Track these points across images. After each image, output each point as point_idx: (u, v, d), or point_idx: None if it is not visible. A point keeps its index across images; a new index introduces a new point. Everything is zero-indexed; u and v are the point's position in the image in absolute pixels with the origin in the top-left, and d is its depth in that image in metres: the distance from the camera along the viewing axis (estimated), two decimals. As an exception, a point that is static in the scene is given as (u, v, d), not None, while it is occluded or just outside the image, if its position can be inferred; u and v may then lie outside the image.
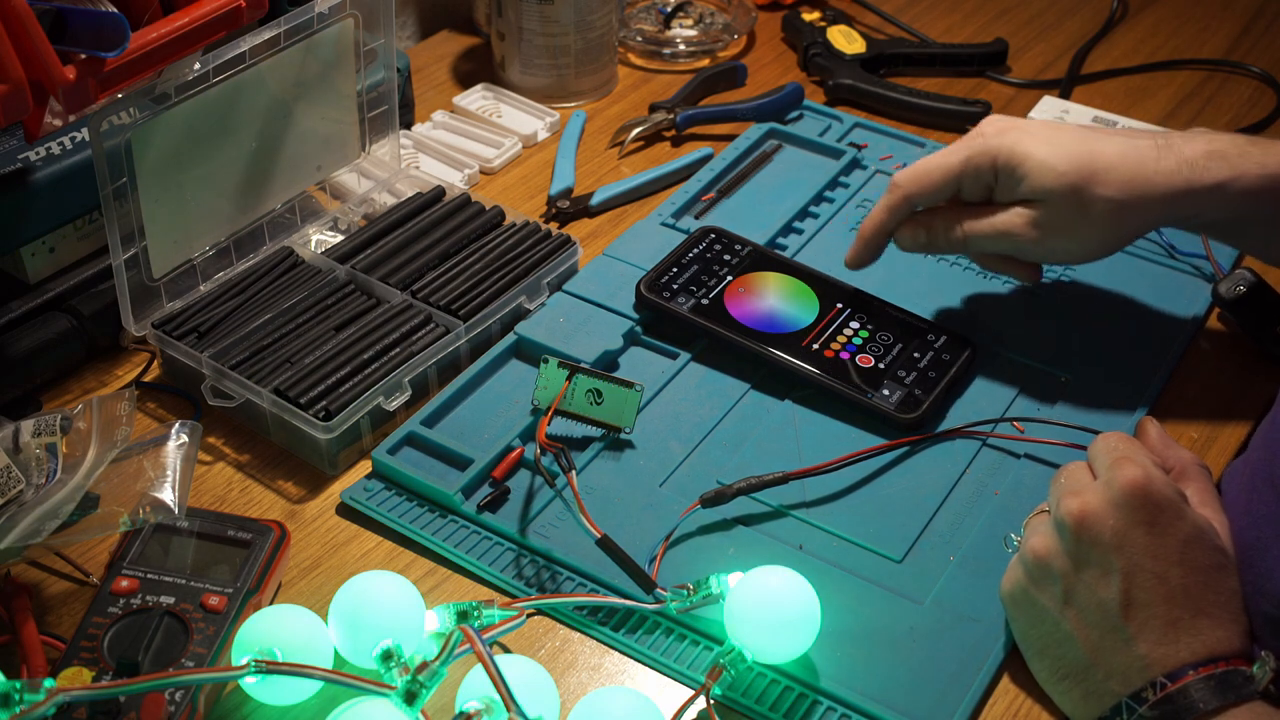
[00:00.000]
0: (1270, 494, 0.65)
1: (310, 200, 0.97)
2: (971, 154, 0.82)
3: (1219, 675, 0.61)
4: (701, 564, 0.74)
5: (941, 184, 0.83)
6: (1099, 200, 0.79)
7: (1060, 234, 0.81)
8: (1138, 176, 0.78)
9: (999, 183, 0.81)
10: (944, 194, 0.84)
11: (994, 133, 0.82)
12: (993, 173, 0.81)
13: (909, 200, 0.84)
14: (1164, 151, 0.79)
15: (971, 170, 0.82)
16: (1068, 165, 0.79)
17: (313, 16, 0.86)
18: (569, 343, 0.86)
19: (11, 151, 0.82)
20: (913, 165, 0.85)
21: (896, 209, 0.85)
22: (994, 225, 0.82)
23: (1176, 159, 0.78)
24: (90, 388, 0.87)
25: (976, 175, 0.82)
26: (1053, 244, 0.82)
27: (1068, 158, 0.79)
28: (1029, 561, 0.67)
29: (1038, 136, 0.80)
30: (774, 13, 1.28)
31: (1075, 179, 0.78)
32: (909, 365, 0.85)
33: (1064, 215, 0.80)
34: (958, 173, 0.82)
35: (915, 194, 0.84)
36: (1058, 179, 0.79)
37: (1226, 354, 0.90)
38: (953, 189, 0.83)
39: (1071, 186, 0.79)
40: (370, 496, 0.79)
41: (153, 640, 0.67)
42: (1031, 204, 0.81)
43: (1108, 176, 0.78)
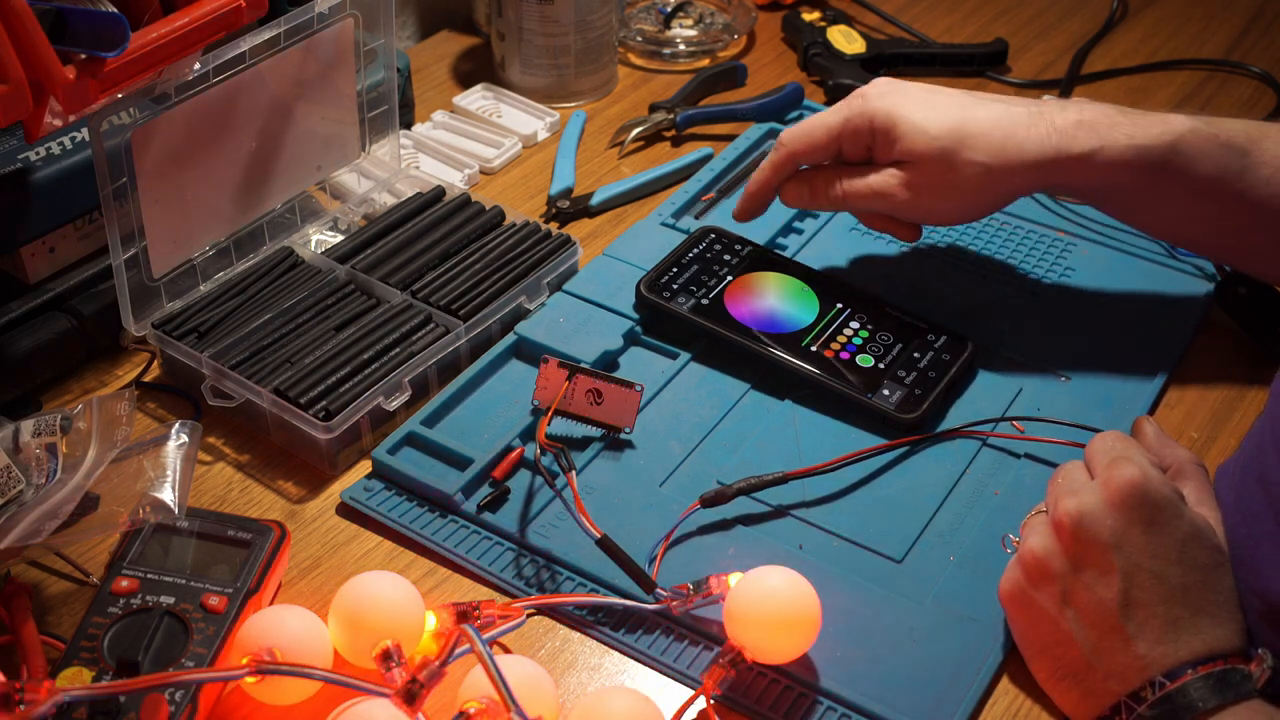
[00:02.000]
0: (1259, 492, 0.65)
1: (310, 200, 0.97)
2: (850, 115, 0.85)
3: (1218, 674, 0.61)
4: (701, 564, 0.74)
5: (823, 143, 0.86)
6: (968, 164, 0.82)
7: (931, 195, 0.84)
8: (1008, 143, 0.81)
9: (876, 143, 0.85)
10: (826, 153, 0.87)
11: (875, 94, 0.85)
12: (870, 134, 0.84)
13: (793, 158, 0.88)
14: (1036, 119, 0.82)
15: (850, 130, 0.85)
16: (939, 129, 0.82)
17: (313, 16, 0.86)
18: (569, 343, 0.86)
19: (11, 151, 0.82)
20: (797, 125, 0.88)
21: (781, 166, 0.89)
22: (869, 185, 0.85)
23: (1047, 127, 0.81)
24: (90, 388, 0.87)
25: (855, 135, 0.85)
26: (924, 204, 0.85)
27: (941, 122, 0.82)
28: (1027, 562, 0.67)
29: (914, 100, 0.84)
30: (774, 13, 1.28)
31: (946, 143, 0.82)
32: (909, 365, 0.85)
33: (934, 178, 0.83)
34: (837, 132, 0.86)
35: (799, 152, 0.88)
36: (929, 142, 0.82)
37: (1226, 354, 0.90)
38: (834, 148, 0.87)
39: (942, 150, 0.82)
40: (370, 496, 0.79)
41: (153, 640, 0.66)
42: (904, 165, 0.84)
43: (978, 142, 0.81)
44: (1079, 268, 0.95)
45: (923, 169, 0.83)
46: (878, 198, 0.85)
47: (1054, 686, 0.67)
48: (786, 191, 0.90)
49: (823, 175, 0.88)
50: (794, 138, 0.88)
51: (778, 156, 0.88)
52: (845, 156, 0.87)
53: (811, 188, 0.88)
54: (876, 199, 0.86)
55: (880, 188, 0.85)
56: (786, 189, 0.90)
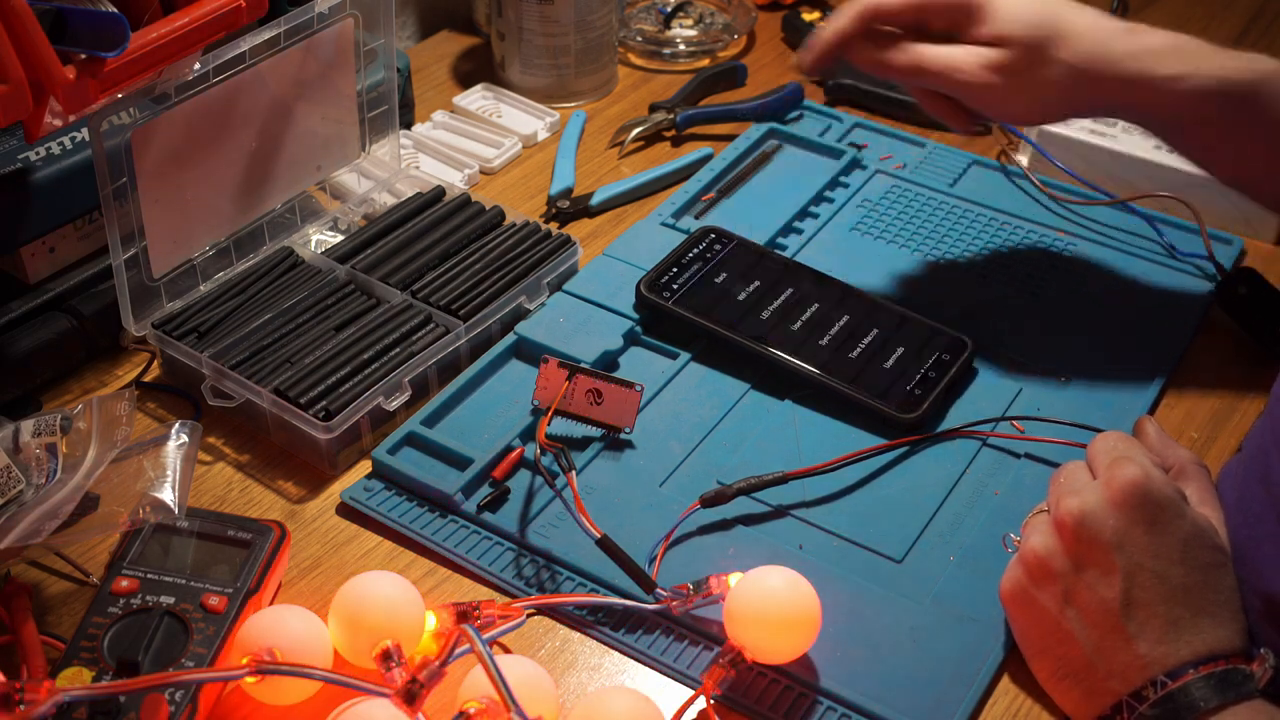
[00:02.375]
0: (1261, 492, 0.65)
1: (310, 200, 0.97)
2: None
3: (1219, 674, 0.61)
4: (701, 564, 0.74)
5: (909, 4, 0.82)
6: (1057, 63, 0.79)
7: (1010, 86, 0.80)
8: (1100, 50, 0.79)
9: (964, 19, 0.81)
10: (910, 16, 0.82)
11: None
12: (964, 9, 0.81)
13: (875, 12, 0.83)
14: (1130, 35, 0.80)
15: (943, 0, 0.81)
16: (1038, 18, 0.79)
17: (313, 16, 0.86)
18: (569, 343, 0.86)
19: (11, 151, 0.82)
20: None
21: (861, 19, 0.83)
22: (949, 59, 0.81)
23: (1139, 45, 0.79)
24: (90, 388, 0.87)
25: (946, 7, 0.81)
26: (1000, 94, 0.81)
27: (1038, 12, 0.79)
28: (1029, 561, 0.67)
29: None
30: (774, 13, 1.28)
31: (1040, 34, 0.79)
32: (909, 365, 0.85)
33: (1020, 67, 0.79)
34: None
35: (882, 8, 0.83)
36: (1024, 29, 0.79)
37: (1227, 354, 0.90)
38: (919, 14, 0.82)
39: (1035, 40, 0.79)
40: (370, 496, 0.79)
41: (153, 640, 0.66)
42: (990, 50, 0.80)
43: (1072, 43, 0.79)
44: (1079, 268, 0.95)
45: (1009, 56, 0.79)
46: (954, 75, 0.81)
47: (1054, 686, 0.67)
48: (858, 49, 0.84)
49: (897, 43, 0.82)
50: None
51: (858, 9, 0.83)
52: (927, 27, 0.82)
53: (883, 51, 0.83)
54: (952, 77, 0.81)
55: (960, 64, 0.80)
56: (857, 46, 0.84)
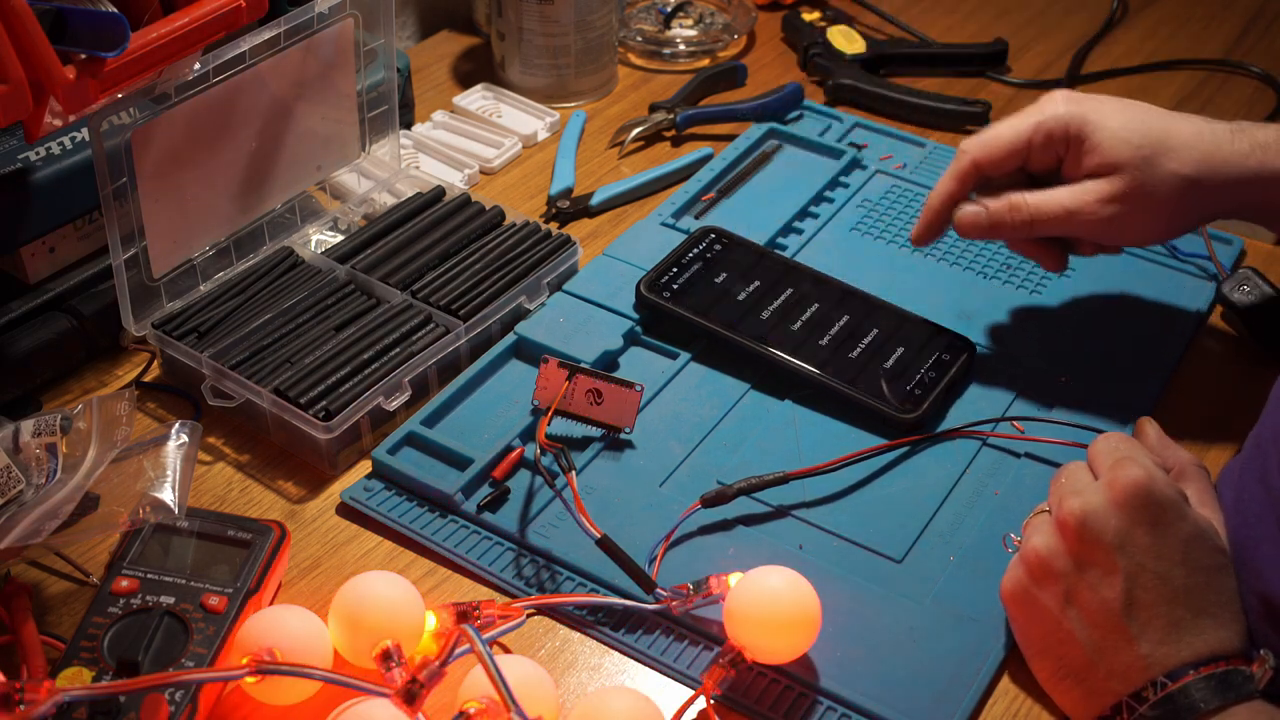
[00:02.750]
0: (1260, 492, 0.65)
1: (310, 200, 0.97)
2: (1044, 119, 0.80)
3: (1219, 674, 0.61)
4: (701, 564, 0.74)
5: (1010, 149, 0.81)
6: (1171, 176, 0.77)
7: (1129, 212, 0.79)
8: (1212, 155, 0.78)
9: (1069, 151, 0.80)
10: (1013, 161, 0.81)
11: (1064, 100, 0.80)
12: (1064, 141, 0.80)
13: (977, 166, 0.82)
14: (1237, 135, 0.78)
15: (1043, 136, 0.80)
16: (1141, 138, 0.78)
17: (313, 16, 0.86)
18: (569, 343, 0.86)
19: (11, 151, 0.82)
20: (980, 133, 0.83)
21: (965, 176, 0.82)
22: (1062, 201, 0.80)
23: (1250, 142, 0.78)
24: (90, 388, 0.87)
25: (1047, 142, 0.80)
26: (1119, 222, 0.79)
27: (1142, 130, 0.78)
28: (1030, 562, 0.67)
29: (1109, 106, 0.79)
30: (774, 13, 1.28)
31: (1149, 152, 0.77)
32: (909, 365, 0.85)
33: (1135, 190, 0.78)
34: (1028, 138, 0.80)
35: (983, 159, 0.82)
36: (1133, 151, 0.77)
37: (1228, 354, 0.90)
38: (1021, 156, 0.81)
39: (1145, 159, 0.77)
40: (370, 496, 0.79)
41: (153, 640, 0.66)
42: (1101, 180, 0.79)
43: (1181, 153, 0.77)
44: (1079, 268, 0.95)
45: (1122, 180, 0.78)
46: (1072, 215, 0.79)
47: (1055, 686, 0.67)
48: (963, 219, 0.83)
49: (1005, 202, 0.82)
50: (978, 143, 0.82)
51: (960, 165, 0.82)
52: (1031, 166, 0.82)
53: (990, 212, 0.82)
54: (1070, 217, 0.80)
55: (1075, 204, 0.79)
56: (963, 217, 0.83)
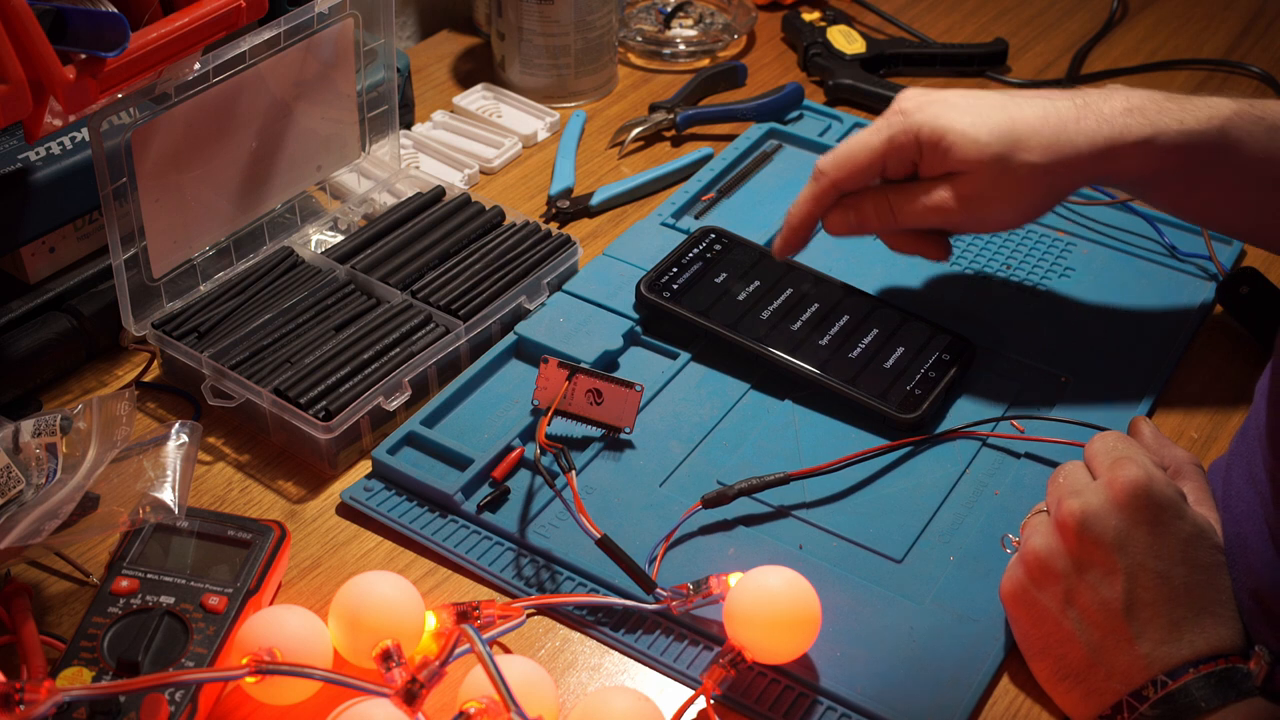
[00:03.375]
0: (1249, 490, 0.65)
1: (310, 200, 0.97)
2: (894, 133, 0.81)
3: (1219, 673, 0.61)
4: (701, 564, 0.74)
5: (865, 164, 0.82)
6: (1024, 166, 0.78)
7: (988, 203, 0.80)
8: (1060, 138, 0.78)
9: (923, 158, 0.81)
10: (869, 175, 0.83)
11: (914, 108, 0.81)
12: (916, 149, 0.81)
13: (836, 186, 0.84)
14: (1083, 111, 0.79)
15: (895, 149, 0.81)
16: (990, 135, 0.78)
17: (313, 16, 0.86)
18: (569, 343, 0.86)
19: (11, 151, 0.82)
20: (834, 150, 0.84)
21: (823, 196, 0.84)
22: (924, 202, 0.81)
23: (1096, 118, 0.79)
24: (90, 388, 0.87)
25: (900, 152, 0.81)
26: (981, 213, 0.81)
27: (989, 126, 0.79)
28: (1030, 562, 0.67)
29: (957, 108, 0.80)
30: (774, 13, 1.28)
31: (999, 148, 0.78)
32: (909, 365, 0.85)
33: (990, 184, 0.79)
34: (882, 153, 0.82)
35: (842, 179, 0.83)
36: (981, 149, 0.78)
37: (1227, 354, 0.90)
38: (877, 169, 0.83)
39: (995, 155, 0.78)
40: (370, 496, 0.79)
41: (153, 640, 0.66)
42: (958, 177, 0.80)
43: (1030, 141, 0.78)
44: (1079, 268, 0.95)
45: (977, 177, 0.79)
46: (933, 213, 0.81)
47: (1055, 686, 0.67)
48: (831, 221, 0.85)
49: (869, 199, 0.84)
50: (834, 164, 0.83)
51: (818, 187, 0.84)
52: (888, 175, 0.83)
53: (858, 213, 0.84)
54: (932, 214, 0.81)
55: (936, 203, 0.81)
56: (831, 218, 0.85)
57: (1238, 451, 0.69)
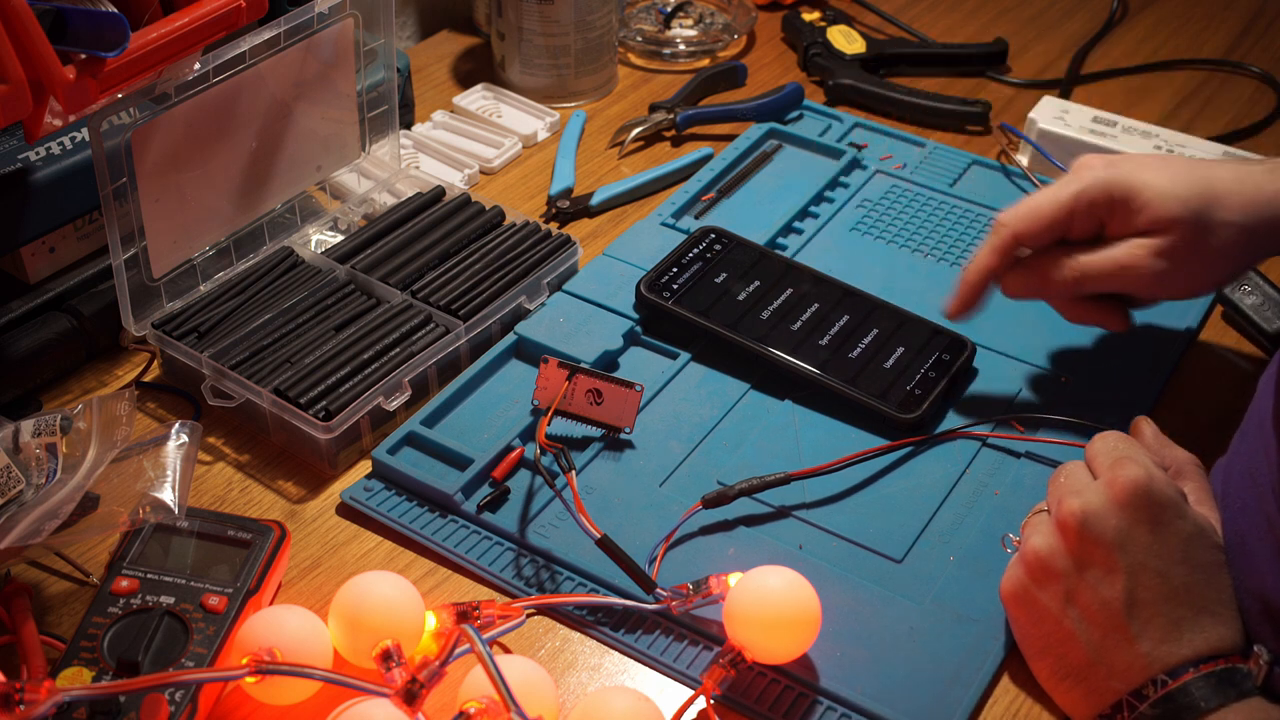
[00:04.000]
0: (1250, 490, 0.66)
1: (310, 200, 0.97)
2: (1084, 187, 0.78)
3: (1219, 672, 0.61)
4: (701, 564, 0.74)
5: (1054, 220, 0.79)
6: (1223, 226, 0.75)
7: (1184, 264, 0.76)
8: (1258, 199, 0.76)
9: (1114, 216, 0.78)
10: (1054, 233, 0.79)
11: (1103, 164, 0.78)
12: (1108, 206, 0.77)
13: (1017, 240, 0.80)
14: (1275, 172, 0.76)
15: (1085, 204, 0.78)
16: (1188, 192, 0.75)
17: (313, 16, 0.86)
18: (569, 343, 0.86)
19: (11, 151, 0.82)
20: (1017, 204, 0.80)
21: (1005, 250, 0.80)
22: (1114, 260, 0.77)
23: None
24: (90, 388, 0.87)
25: (1090, 209, 0.78)
26: (1175, 275, 0.77)
27: (1187, 184, 0.76)
28: (1030, 561, 0.67)
29: (1148, 166, 0.77)
30: (774, 13, 1.28)
31: (1198, 205, 0.75)
32: (909, 365, 0.85)
33: (1188, 244, 0.76)
34: (1069, 208, 0.78)
35: (1024, 233, 0.79)
36: (1181, 206, 0.75)
37: (1227, 354, 0.90)
38: (1063, 227, 0.79)
39: (1195, 212, 0.75)
40: (370, 496, 0.79)
41: (153, 640, 0.66)
42: (1152, 236, 0.76)
43: (1230, 201, 0.75)
44: (1079, 268, 0.95)
45: (1174, 235, 0.75)
46: (1123, 272, 0.77)
47: (1055, 686, 0.67)
48: (1009, 282, 0.81)
49: (1051, 258, 0.79)
50: (1017, 217, 0.79)
51: (1000, 240, 0.80)
52: (1073, 235, 0.79)
53: (1040, 274, 0.80)
54: (1122, 274, 0.77)
55: (1128, 261, 0.77)
56: (1009, 279, 0.81)
57: (1238, 451, 0.69)
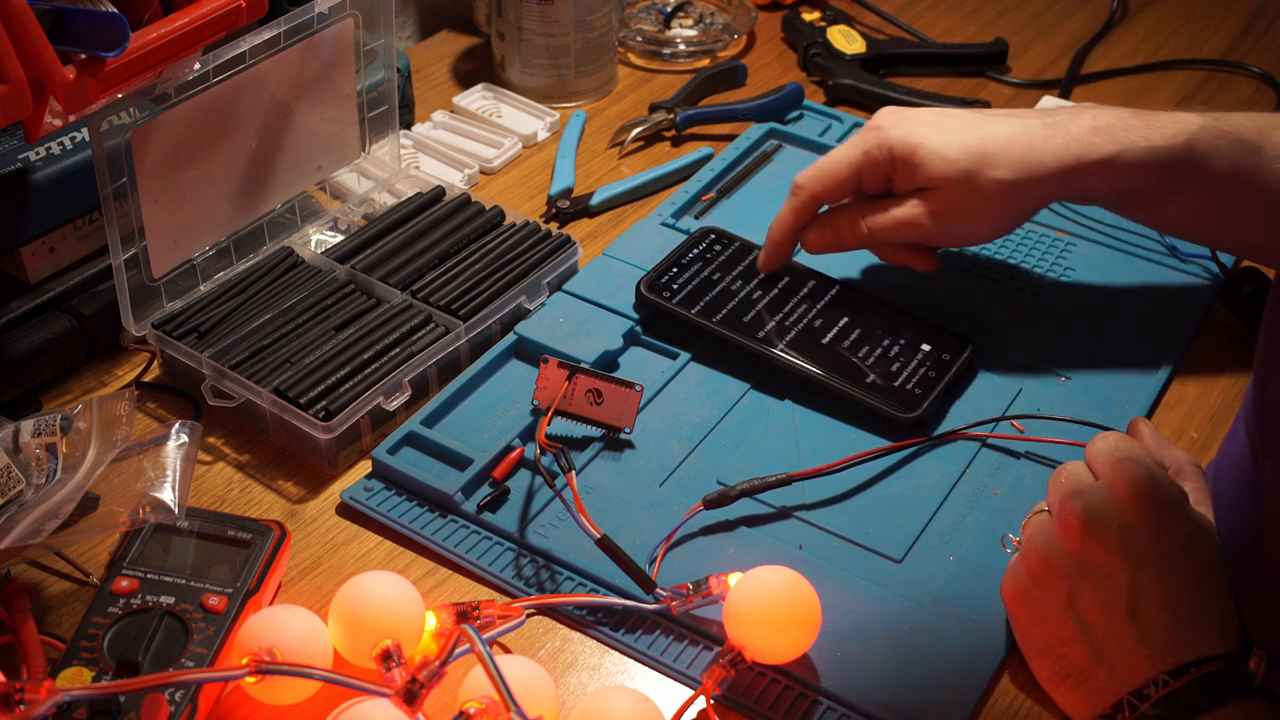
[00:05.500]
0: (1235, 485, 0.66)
1: (310, 200, 0.97)
2: (869, 147, 0.84)
3: (1220, 672, 0.61)
4: (701, 564, 0.74)
5: (842, 178, 0.86)
6: (991, 182, 0.81)
7: (958, 218, 0.84)
8: (1028, 157, 0.81)
9: (896, 173, 0.84)
10: (846, 189, 0.86)
11: (889, 124, 0.84)
12: (890, 164, 0.84)
13: (814, 200, 0.87)
14: (1051, 130, 0.82)
15: (870, 163, 0.84)
16: (959, 151, 0.82)
17: (313, 16, 0.86)
18: (569, 343, 0.86)
19: (11, 151, 0.82)
20: (812, 165, 0.87)
21: (803, 209, 0.87)
22: (895, 217, 0.85)
23: (1064, 136, 0.81)
24: (90, 388, 0.87)
25: (875, 167, 0.84)
26: (951, 228, 0.84)
27: (960, 145, 0.82)
28: (1032, 561, 0.67)
29: (930, 126, 0.83)
30: (774, 13, 1.28)
31: (967, 164, 0.81)
32: (909, 365, 0.85)
33: (959, 200, 0.82)
34: (857, 166, 0.85)
35: (820, 193, 0.87)
36: (951, 165, 0.82)
37: (1228, 354, 0.90)
38: (854, 184, 0.86)
39: (964, 172, 0.81)
40: (370, 496, 0.79)
41: (153, 640, 0.66)
42: (928, 192, 0.83)
43: (999, 159, 0.81)
44: (1079, 267, 0.95)
45: (947, 193, 0.83)
46: (905, 228, 0.85)
47: (1055, 686, 0.67)
48: (809, 239, 0.88)
49: (844, 215, 0.87)
50: (811, 178, 0.86)
51: (797, 201, 0.87)
52: (865, 189, 0.86)
53: (835, 230, 0.87)
54: (904, 229, 0.85)
55: (907, 217, 0.84)
56: (808, 236, 0.88)
57: (1227, 452, 0.69)
